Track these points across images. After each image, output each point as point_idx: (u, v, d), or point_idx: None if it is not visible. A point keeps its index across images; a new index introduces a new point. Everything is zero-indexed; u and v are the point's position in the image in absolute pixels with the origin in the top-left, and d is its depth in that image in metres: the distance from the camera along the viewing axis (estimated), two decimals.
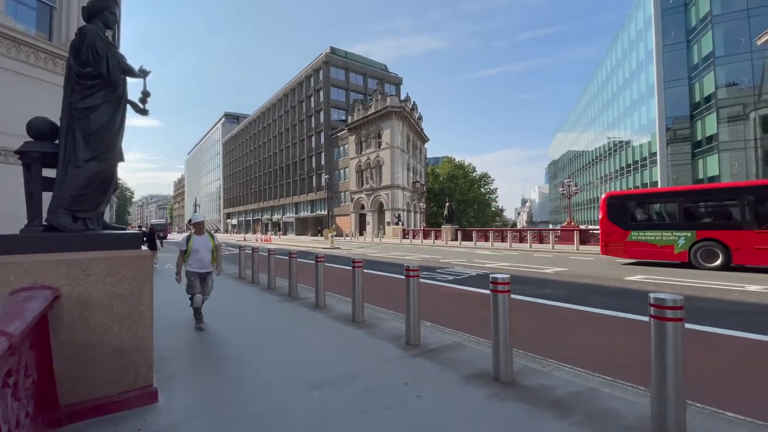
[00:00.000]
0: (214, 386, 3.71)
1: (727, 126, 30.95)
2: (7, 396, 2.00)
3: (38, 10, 8.68)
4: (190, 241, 5.72)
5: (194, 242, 5.76)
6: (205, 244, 5.82)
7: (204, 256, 5.77)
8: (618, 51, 48.77)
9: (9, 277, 2.84)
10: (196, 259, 5.74)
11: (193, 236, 5.79)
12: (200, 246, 5.77)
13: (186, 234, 6.24)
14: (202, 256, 5.76)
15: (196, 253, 5.73)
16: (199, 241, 5.79)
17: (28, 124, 3.40)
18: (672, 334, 2.57)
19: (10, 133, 6.53)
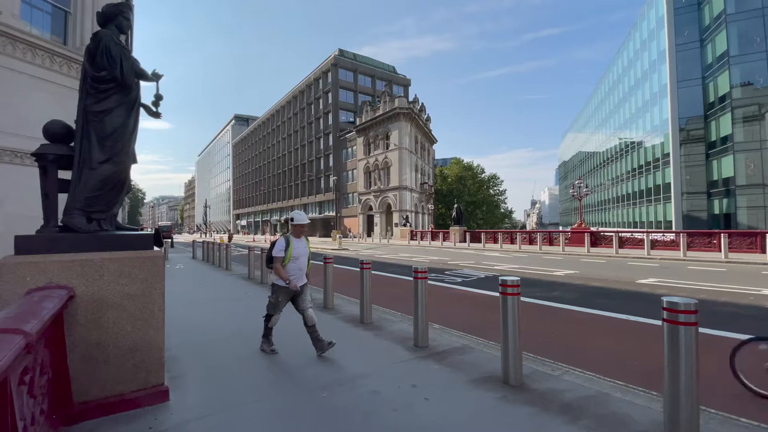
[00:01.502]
0: (224, 386, 3.74)
1: (742, 126, 30.33)
2: (23, 393, 2.04)
3: (53, 15, 8.87)
4: (289, 246, 4.62)
5: (294, 248, 4.65)
6: (305, 249, 4.79)
7: (303, 264, 4.75)
8: (630, 50, 48.16)
9: (25, 276, 2.91)
10: (295, 268, 4.67)
11: (292, 240, 4.68)
12: (301, 252, 4.71)
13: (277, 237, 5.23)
14: (302, 265, 4.74)
15: (295, 262, 4.65)
16: (300, 246, 4.73)
17: (44, 127, 3.48)
18: (685, 338, 2.52)
19: (26, 136, 6.69)
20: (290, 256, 4.61)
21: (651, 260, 16.27)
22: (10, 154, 7.13)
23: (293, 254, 4.63)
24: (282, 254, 4.59)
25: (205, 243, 19.63)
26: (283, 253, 4.59)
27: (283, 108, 75.86)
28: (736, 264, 14.26)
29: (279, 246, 4.62)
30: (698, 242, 18.36)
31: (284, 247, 4.60)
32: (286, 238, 4.67)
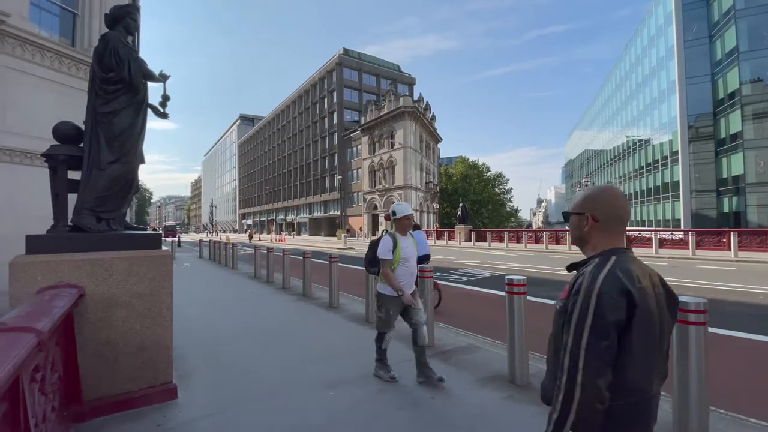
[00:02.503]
0: (231, 384, 3.77)
1: (752, 123, 29.87)
2: (34, 391, 2.07)
3: (61, 17, 8.96)
4: (397, 245, 3.72)
5: (402, 247, 3.74)
6: (414, 249, 3.90)
7: (413, 267, 3.85)
8: (637, 47, 47.63)
9: (36, 275, 2.95)
10: (406, 273, 3.77)
11: (398, 238, 3.78)
12: (410, 253, 3.81)
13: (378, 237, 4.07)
14: (412, 268, 3.83)
15: (405, 265, 3.76)
16: (408, 245, 3.83)
17: (54, 128, 3.52)
18: (695, 338, 2.50)
19: (35, 137, 6.77)
20: (399, 258, 3.71)
21: (659, 259, 16.12)
22: (20, 154, 7.23)
23: (402, 255, 3.72)
24: (390, 256, 3.68)
25: (212, 242, 19.77)
26: (391, 254, 3.69)
27: (289, 107, 76.07)
28: (745, 263, 14.08)
29: (385, 246, 3.72)
30: (707, 241, 18.15)
31: (392, 247, 3.70)
32: (392, 236, 3.77)
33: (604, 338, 1.05)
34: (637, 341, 1.07)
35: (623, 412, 1.09)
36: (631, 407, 1.10)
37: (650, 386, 1.12)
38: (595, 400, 1.04)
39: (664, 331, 1.16)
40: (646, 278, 1.16)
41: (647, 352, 1.10)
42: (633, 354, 1.07)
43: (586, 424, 1.05)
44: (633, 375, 1.08)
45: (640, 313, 1.07)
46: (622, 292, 1.08)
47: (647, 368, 1.11)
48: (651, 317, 1.10)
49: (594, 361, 1.05)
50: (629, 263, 1.17)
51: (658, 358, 1.14)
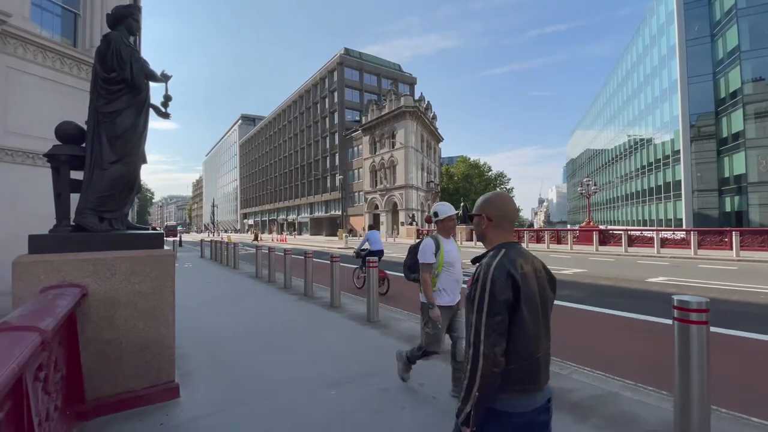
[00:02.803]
0: (233, 383, 3.78)
1: (754, 122, 29.77)
2: (38, 390, 2.08)
3: (63, 17, 8.98)
4: (440, 249, 3.34)
5: (446, 251, 3.36)
6: (458, 253, 3.51)
7: (458, 274, 3.44)
8: (639, 46, 47.52)
9: (39, 275, 2.96)
10: (450, 280, 3.37)
11: (441, 241, 3.41)
12: (454, 257, 3.41)
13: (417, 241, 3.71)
14: (458, 275, 3.43)
15: (449, 271, 3.36)
16: (452, 248, 3.44)
17: (56, 128, 3.53)
18: (696, 337, 2.50)
19: (37, 137, 6.79)
20: (442, 262, 3.32)
21: (661, 258, 16.09)
22: (22, 154, 7.25)
23: (446, 259, 3.33)
24: (432, 260, 3.30)
25: (213, 242, 19.80)
26: (433, 258, 3.30)
27: (290, 107, 76.10)
28: (747, 262, 14.05)
29: (426, 249, 3.34)
30: (709, 240, 18.10)
31: (434, 251, 3.32)
32: (434, 239, 3.40)
33: (498, 314, 1.32)
34: (523, 315, 1.34)
35: (517, 373, 1.35)
36: (523, 369, 1.35)
37: (537, 350, 1.39)
38: (493, 365, 1.29)
39: (546, 305, 1.46)
40: (528, 265, 1.45)
41: (532, 324, 1.36)
42: (521, 326, 1.34)
43: (488, 385, 1.31)
44: (523, 342, 1.35)
45: (523, 292, 1.35)
46: (508, 277, 1.35)
47: (533, 336, 1.37)
48: (533, 296, 1.39)
49: (491, 333, 1.31)
50: (515, 254, 1.45)
51: (541, 327, 1.42)
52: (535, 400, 1.42)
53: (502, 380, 1.34)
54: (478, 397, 1.33)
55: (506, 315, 1.34)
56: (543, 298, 1.45)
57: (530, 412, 1.42)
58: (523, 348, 1.36)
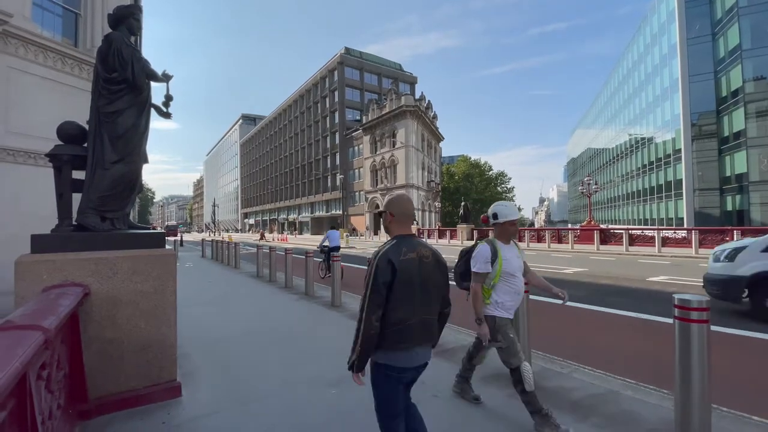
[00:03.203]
0: (235, 382, 3.79)
1: (755, 121, 29.71)
2: (41, 388, 2.09)
3: (64, 17, 8.99)
4: (498, 256, 2.90)
5: (505, 259, 2.92)
6: (520, 261, 3.07)
7: (520, 286, 3.03)
8: (640, 45, 47.43)
9: (42, 274, 2.97)
10: (511, 291, 2.96)
11: (499, 247, 2.96)
12: (515, 266, 2.98)
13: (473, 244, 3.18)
14: (519, 287, 3.01)
15: (509, 282, 2.95)
16: (512, 255, 2.99)
17: (58, 128, 3.54)
18: (697, 335, 2.50)
19: (39, 137, 6.80)
20: (500, 272, 2.90)
21: (662, 258, 16.07)
22: (24, 154, 7.27)
23: (504, 269, 2.90)
24: (487, 269, 2.89)
25: (214, 242, 19.83)
26: (488, 267, 2.89)
27: (290, 107, 76.12)
28: None
29: (480, 256, 2.91)
30: (710, 239, 18.08)
31: (490, 259, 2.89)
32: (491, 244, 2.95)
33: (377, 291, 1.83)
34: (397, 293, 1.85)
35: (391, 335, 1.87)
36: (396, 332, 1.87)
37: (410, 318, 1.88)
38: (370, 328, 1.83)
39: (427, 283, 1.94)
40: (413, 252, 1.92)
41: (405, 299, 1.87)
42: (395, 299, 1.85)
43: (367, 342, 1.86)
44: (395, 313, 1.86)
45: (399, 275, 1.85)
46: (388, 263, 1.85)
47: (405, 309, 1.87)
48: (410, 277, 1.88)
49: (371, 305, 1.83)
50: (403, 244, 1.94)
51: (418, 300, 1.90)
52: (409, 359, 1.93)
53: (381, 340, 1.88)
54: (360, 351, 1.89)
55: (384, 292, 1.85)
56: (424, 278, 1.93)
57: (403, 368, 1.94)
58: (396, 316, 1.86)
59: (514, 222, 3.01)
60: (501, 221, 3.01)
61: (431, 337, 2.03)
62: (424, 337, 1.97)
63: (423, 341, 1.96)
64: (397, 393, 2.01)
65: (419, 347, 1.95)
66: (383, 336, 1.88)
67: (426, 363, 2.05)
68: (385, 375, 1.97)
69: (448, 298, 2.15)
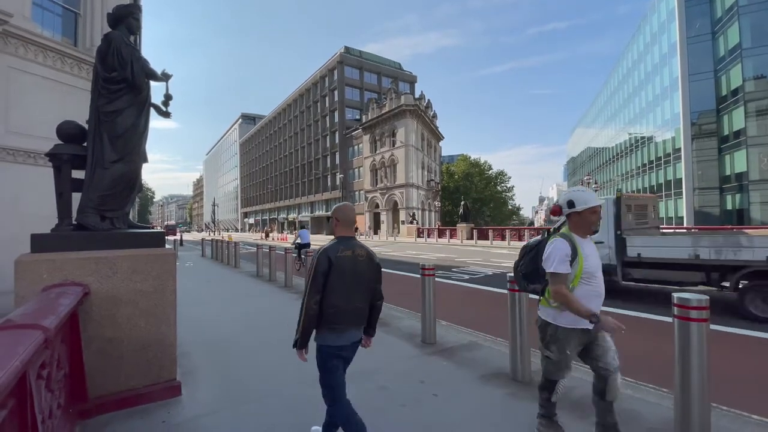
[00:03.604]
0: (235, 381, 3.79)
1: (755, 120, 29.68)
2: (41, 387, 2.09)
3: (63, 17, 8.98)
4: (579, 252, 2.46)
5: (586, 256, 2.49)
6: (597, 258, 2.61)
7: (601, 286, 2.57)
8: (640, 44, 47.38)
9: (42, 274, 2.97)
10: (590, 293, 2.50)
11: (577, 241, 2.51)
12: (594, 264, 2.54)
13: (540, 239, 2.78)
14: (599, 286, 2.55)
15: (589, 281, 2.49)
16: (590, 251, 2.56)
17: (58, 128, 3.54)
18: (696, 334, 2.50)
19: (39, 136, 6.80)
20: (581, 273, 2.44)
21: None
22: (23, 154, 7.26)
23: (585, 268, 2.45)
24: (567, 269, 2.42)
25: (214, 241, 19.83)
26: (568, 266, 2.41)
27: (290, 106, 76.08)
28: None
29: (556, 254, 2.42)
30: None
31: (570, 256, 2.42)
32: (567, 239, 2.46)
33: (316, 280, 2.26)
34: (332, 282, 2.27)
35: (328, 317, 2.30)
36: (331, 314, 2.29)
37: (344, 305, 2.31)
38: (310, 310, 2.26)
39: (360, 277, 2.37)
40: (348, 251, 2.36)
41: (340, 288, 2.29)
42: (331, 289, 2.28)
43: (308, 323, 2.28)
44: (330, 299, 2.28)
45: (334, 268, 2.28)
46: (326, 258, 2.29)
47: (339, 296, 2.29)
48: (343, 270, 2.31)
49: (311, 292, 2.26)
50: (342, 244, 2.38)
51: (352, 290, 2.34)
52: (342, 338, 2.37)
53: (320, 321, 2.31)
54: (302, 330, 2.30)
55: (321, 281, 2.27)
56: (357, 272, 2.36)
57: (337, 347, 2.37)
58: (332, 302, 2.29)
59: (595, 209, 2.52)
60: (579, 209, 2.51)
61: (362, 321, 2.49)
62: (356, 321, 2.43)
63: (355, 324, 2.42)
64: (337, 368, 2.44)
65: (353, 328, 2.41)
66: (321, 317, 2.30)
67: (359, 341, 2.53)
68: (327, 354, 2.40)
69: (380, 292, 2.54)
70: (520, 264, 2.90)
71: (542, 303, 2.66)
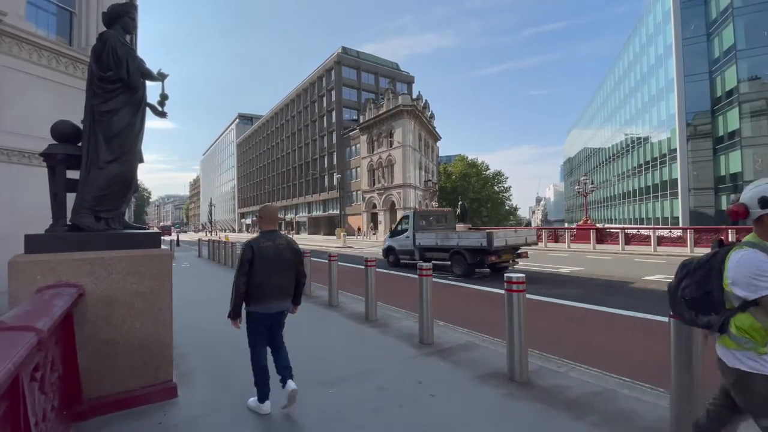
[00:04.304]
0: (232, 382, 3.77)
1: (749, 121, 29.91)
2: (34, 390, 2.07)
3: (58, 16, 8.92)
4: None
5: None
6: None
7: None
8: (636, 45, 47.63)
9: (36, 275, 2.95)
10: None
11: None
12: None
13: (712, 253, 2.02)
14: None
15: None
16: None
17: (52, 127, 3.51)
18: (692, 334, 2.51)
19: (33, 136, 6.75)
20: None
21: (658, 257, 16.16)
22: (18, 154, 7.21)
23: None
24: None
25: (211, 241, 19.74)
26: None
27: (287, 106, 75.93)
28: None
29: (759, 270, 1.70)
30: (705, 238, 18.19)
31: None
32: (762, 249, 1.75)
33: (242, 266, 2.98)
34: (256, 267, 2.99)
35: (254, 293, 3.02)
36: (256, 291, 3.02)
37: (266, 283, 3.03)
38: (238, 288, 2.98)
39: (281, 262, 3.12)
40: (269, 242, 3.08)
41: (262, 271, 3.00)
42: (254, 271, 2.98)
43: (238, 298, 3.00)
44: (255, 279, 2.99)
45: (257, 255, 3.00)
46: (249, 246, 3.04)
47: (262, 276, 3.00)
48: (265, 257, 3.03)
49: (238, 273, 2.98)
50: (265, 236, 3.14)
51: (273, 273, 3.06)
52: (268, 308, 3.11)
53: (248, 296, 3.03)
54: (234, 304, 3.02)
55: (246, 266, 2.99)
56: (278, 257, 3.11)
57: (264, 314, 3.11)
58: (256, 281, 3.00)
59: None
60: None
61: (286, 295, 3.23)
62: (279, 296, 3.16)
63: (277, 298, 3.14)
64: (259, 330, 3.17)
65: (275, 301, 3.14)
66: (249, 294, 3.04)
67: (282, 311, 3.28)
68: (253, 319, 3.15)
69: (303, 271, 3.39)
70: (680, 287, 2.14)
71: (728, 344, 1.87)
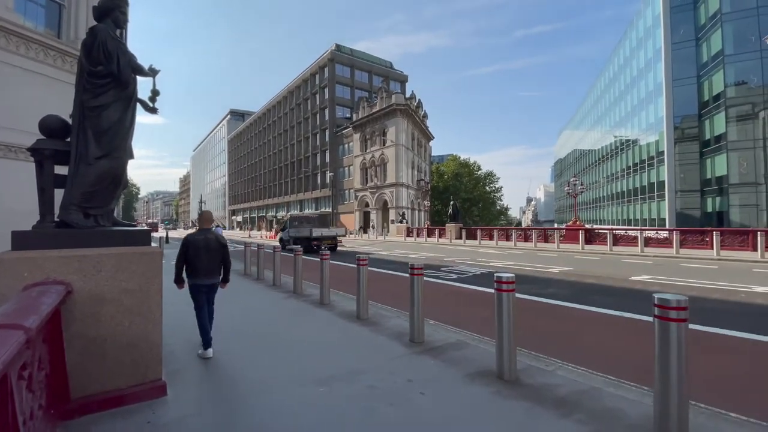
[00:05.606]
0: (221, 381, 3.76)
1: (735, 125, 30.54)
2: (21, 388, 2.05)
3: (47, 8, 8.76)
4: None
5: None
6: None
7: None
8: (626, 49, 48.26)
9: (23, 272, 2.90)
10: None
11: None
12: None
13: None
14: None
15: None
16: None
17: (40, 122, 3.46)
18: (676, 334, 2.57)
19: (20, 130, 6.63)
20: None
21: (644, 257, 16.43)
22: (4, 148, 7.07)
23: None
24: None
25: None
26: None
27: (279, 103, 75.41)
28: (727, 261, 14.44)
29: None
30: (691, 240, 18.54)
31: None
32: None
33: (181, 253, 4.53)
34: (189, 255, 4.51)
35: (190, 272, 4.56)
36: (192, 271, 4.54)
37: (198, 265, 4.52)
38: (179, 269, 4.55)
39: (210, 252, 4.56)
40: (200, 236, 4.57)
41: (194, 257, 4.50)
42: (189, 257, 4.51)
43: (178, 275, 4.56)
44: (190, 263, 4.52)
45: (190, 245, 4.50)
46: (186, 239, 4.55)
47: (195, 261, 4.50)
48: (196, 247, 4.50)
49: (178, 259, 4.53)
50: (198, 232, 4.65)
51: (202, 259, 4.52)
52: (201, 281, 4.56)
53: (187, 273, 4.55)
54: (175, 277, 4.52)
55: (183, 253, 4.49)
56: (206, 248, 4.50)
57: (198, 285, 4.57)
58: (191, 265, 4.49)
59: None
60: None
61: (214, 275, 4.64)
62: (208, 274, 4.56)
63: (206, 276, 4.55)
64: (197, 296, 4.61)
65: (205, 278, 4.55)
66: (188, 271, 4.53)
67: (212, 284, 4.67)
68: (192, 288, 4.59)
69: (228, 258, 4.72)
70: None
71: None
